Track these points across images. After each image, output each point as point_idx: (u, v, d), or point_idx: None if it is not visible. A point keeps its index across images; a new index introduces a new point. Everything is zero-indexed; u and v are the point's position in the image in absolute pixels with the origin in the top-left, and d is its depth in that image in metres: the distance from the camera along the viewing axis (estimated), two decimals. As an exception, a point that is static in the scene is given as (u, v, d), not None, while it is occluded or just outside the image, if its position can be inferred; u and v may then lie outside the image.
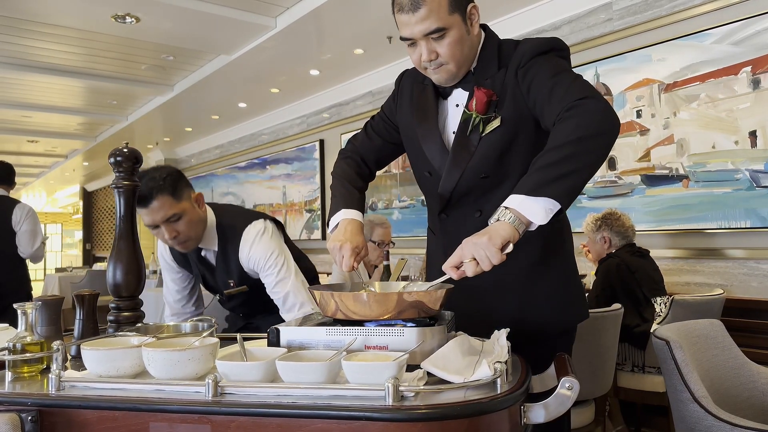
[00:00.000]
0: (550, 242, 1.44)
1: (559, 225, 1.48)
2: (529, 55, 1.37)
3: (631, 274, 3.02)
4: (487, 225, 1.17)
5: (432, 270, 1.59)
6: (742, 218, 3.36)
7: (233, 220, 2.08)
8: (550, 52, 1.38)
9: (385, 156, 1.69)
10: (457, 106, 1.46)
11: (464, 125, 1.42)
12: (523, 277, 1.43)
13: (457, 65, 1.39)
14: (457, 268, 1.16)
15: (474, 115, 1.40)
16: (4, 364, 1.16)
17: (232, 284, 2.09)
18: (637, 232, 3.35)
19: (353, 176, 1.59)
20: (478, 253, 1.13)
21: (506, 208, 1.15)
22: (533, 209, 1.14)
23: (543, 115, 1.32)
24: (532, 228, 1.17)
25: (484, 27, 1.48)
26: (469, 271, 1.14)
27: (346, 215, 1.47)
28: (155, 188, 1.84)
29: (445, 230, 1.53)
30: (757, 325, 3.21)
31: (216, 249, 2.07)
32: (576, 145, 1.16)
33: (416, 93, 1.55)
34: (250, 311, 2.25)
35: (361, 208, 1.51)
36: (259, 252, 2.00)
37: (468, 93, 1.44)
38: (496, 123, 1.38)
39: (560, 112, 1.23)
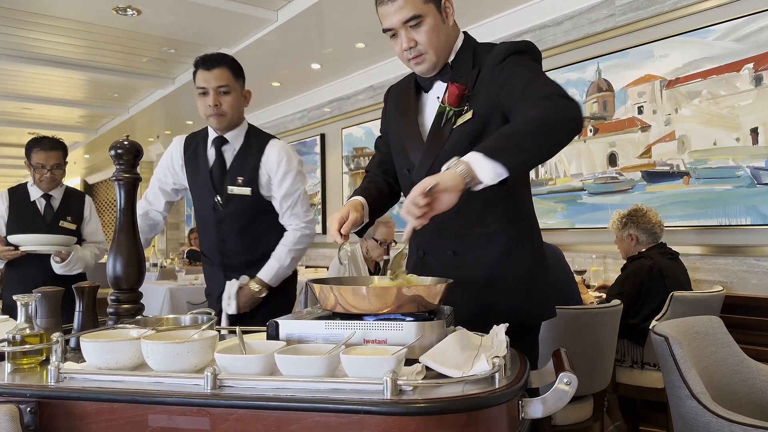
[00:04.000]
0: (515, 240, 1.50)
1: (526, 224, 1.55)
2: (504, 53, 1.46)
3: (662, 279, 2.97)
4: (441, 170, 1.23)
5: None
6: (742, 215, 3.36)
7: (264, 132, 2.36)
8: (524, 52, 1.47)
9: (392, 162, 1.76)
10: (438, 98, 1.56)
11: (438, 117, 1.52)
12: (486, 273, 1.47)
13: (435, 53, 1.49)
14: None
15: (447, 108, 1.50)
16: (3, 355, 1.16)
17: (240, 181, 2.23)
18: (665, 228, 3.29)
19: (368, 182, 1.70)
20: (413, 195, 1.19)
21: (460, 160, 1.22)
22: (485, 168, 1.20)
23: (512, 112, 1.40)
24: (477, 187, 1.23)
25: (464, 32, 1.59)
26: (409, 216, 1.20)
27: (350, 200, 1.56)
28: (225, 60, 2.21)
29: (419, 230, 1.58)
30: (757, 322, 3.21)
31: (239, 146, 2.27)
32: (540, 126, 1.26)
33: (401, 98, 1.66)
34: (237, 232, 2.27)
35: (367, 194, 1.59)
36: (283, 157, 2.25)
37: (446, 85, 1.52)
38: (467, 116, 1.47)
39: (533, 102, 1.32)
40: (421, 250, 1.58)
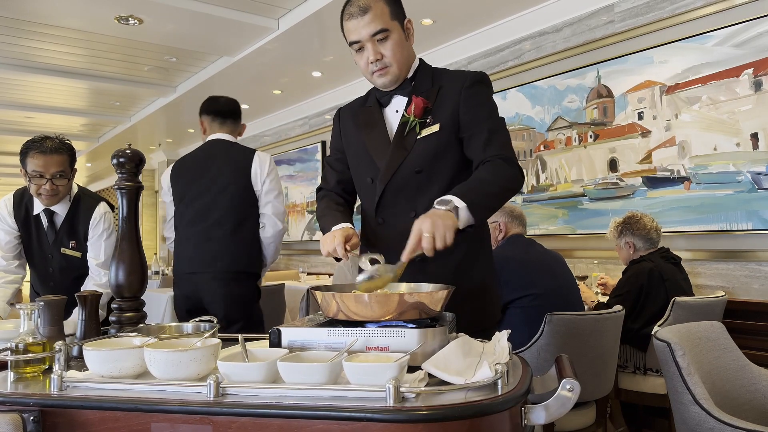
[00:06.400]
0: (472, 247, 1.64)
1: (480, 231, 1.68)
2: (471, 80, 1.64)
3: (663, 282, 2.97)
4: (437, 208, 1.38)
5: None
6: (743, 220, 3.36)
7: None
8: (483, 82, 1.67)
9: (350, 180, 1.85)
10: (397, 111, 1.69)
11: (402, 127, 1.64)
12: (450, 275, 1.54)
13: (399, 66, 1.63)
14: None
15: (412, 119, 1.62)
16: (6, 364, 1.16)
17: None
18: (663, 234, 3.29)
19: (333, 204, 1.76)
20: (438, 231, 1.31)
21: (455, 205, 1.39)
22: (464, 218, 1.40)
23: (471, 144, 1.60)
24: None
25: (420, 58, 1.75)
26: (427, 244, 1.30)
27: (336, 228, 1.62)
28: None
29: (382, 237, 1.66)
30: (759, 328, 3.20)
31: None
32: (503, 192, 1.53)
33: (359, 115, 1.76)
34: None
35: (349, 220, 1.67)
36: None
37: (406, 99, 1.67)
38: (434, 128, 1.61)
39: (495, 155, 1.54)
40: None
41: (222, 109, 2.82)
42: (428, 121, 1.63)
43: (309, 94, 6.86)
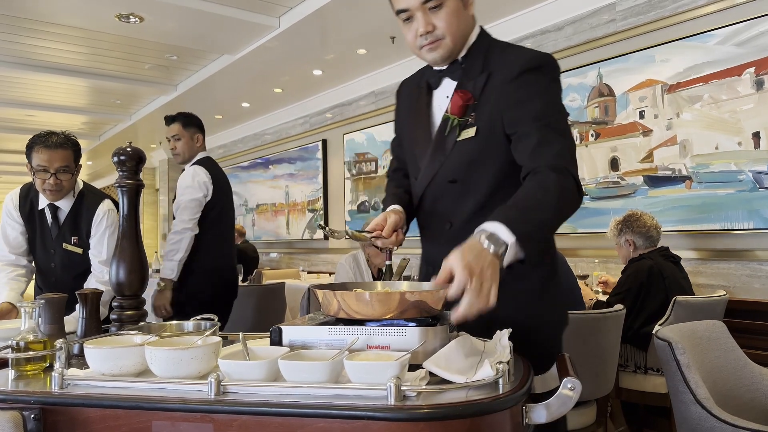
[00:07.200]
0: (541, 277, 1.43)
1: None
2: (518, 69, 1.35)
3: (662, 279, 2.98)
4: (482, 246, 1.10)
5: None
6: (745, 219, 3.35)
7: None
8: (540, 70, 1.36)
9: None
10: (447, 97, 1.46)
11: (443, 125, 1.43)
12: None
13: (453, 39, 1.38)
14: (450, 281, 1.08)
15: (452, 118, 1.40)
16: (7, 362, 1.16)
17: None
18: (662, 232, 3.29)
19: (392, 186, 1.63)
20: (484, 284, 1.05)
21: (503, 240, 1.12)
22: (512, 255, 1.13)
23: (518, 147, 1.33)
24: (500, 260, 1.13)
25: (481, 27, 1.48)
26: (464, 310, 1.04)
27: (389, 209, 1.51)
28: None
29: (424, 242, 1.56)
30: (760, 327, 3.20)
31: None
32: (557, 216, 1.25)
33: (413, 98, 1.56)
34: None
35: (401, 202, 1.52)
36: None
37: (455, 84, 1.43)
38: (471, 132, 1.38)
39: (546, 165, 1.25)
40: (430, 266, 1.51)
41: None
42: (469, 120, 1.38)
43: (310, 92, 6.86)
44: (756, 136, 3.31)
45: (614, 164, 4.03)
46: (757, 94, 3.31)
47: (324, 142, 7.13)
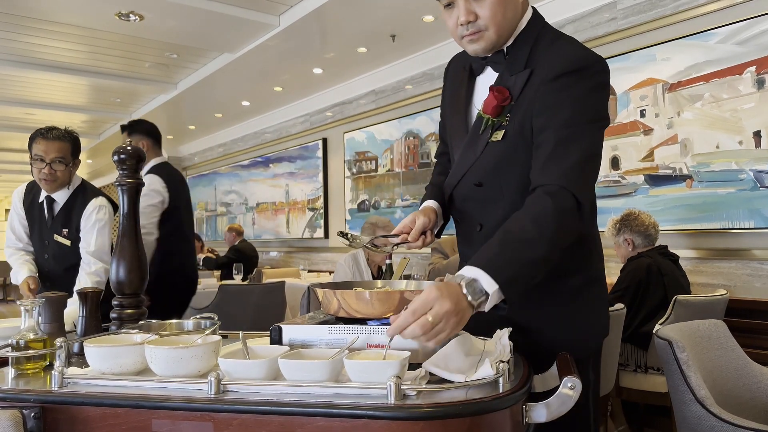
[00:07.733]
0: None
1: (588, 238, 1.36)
2: (559, 69, 1.21)
3: (661, 277, 2.98)
4: (461, 292, 1.03)
5: None
6: (745, 218, 3.35)
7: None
8: (580, 72, 1.21)
9: None
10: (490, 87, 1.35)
11: (478, 122, 1.33)
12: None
13: (498, 30, 1.25)
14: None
15: (486, 117, 1.31)
16: (7, 360, 1.16)
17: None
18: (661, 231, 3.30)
19: (435, 175, 1.57)
20: (438, 329, 1.00)
21: (484, 290, 1.05)
22: (494, 300, 1.06)
23: (533, 159, 1.24)
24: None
25: (533, 9, 1.34)
26: (409, 330, 0.99)
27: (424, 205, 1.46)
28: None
29: (458, 242, 1.52)
30: (761, 326, 3.20)
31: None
32: (550, 252, 1.12)
33: (457, 81, 1.46)
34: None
35: (437, 197, 1.46)
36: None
37: (497, 75, 1.33)
38: (499, 135, 1.29)
39: (548, 183, 1.17)
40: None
41: (158, 135, 3.36)
42: (504, 121, 1.28)
43: (310, 91, 6.86)
44: (757, 135, 3.31)
45: (615, 163, 4.03)
46: (758, 93, 3.30)
47: (324, 140, 7.12)
